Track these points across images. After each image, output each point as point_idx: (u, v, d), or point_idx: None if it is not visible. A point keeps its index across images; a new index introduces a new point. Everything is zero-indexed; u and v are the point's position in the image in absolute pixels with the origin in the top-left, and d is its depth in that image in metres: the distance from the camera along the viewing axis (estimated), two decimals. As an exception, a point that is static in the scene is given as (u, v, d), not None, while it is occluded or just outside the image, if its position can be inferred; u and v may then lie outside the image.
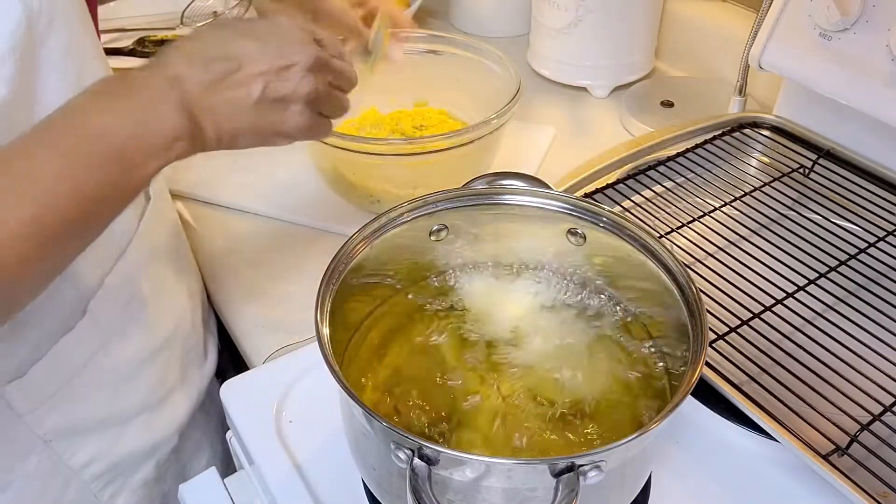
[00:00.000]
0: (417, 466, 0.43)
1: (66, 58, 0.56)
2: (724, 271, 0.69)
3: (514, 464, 0.45)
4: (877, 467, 0.53)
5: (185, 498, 0.62)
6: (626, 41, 1.06)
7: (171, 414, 0.74)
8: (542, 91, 1.11)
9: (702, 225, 0.75)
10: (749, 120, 0.89)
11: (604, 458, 0.42)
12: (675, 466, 0.59)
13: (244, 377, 0.66)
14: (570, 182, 0.79)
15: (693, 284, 0.52)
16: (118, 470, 0.69)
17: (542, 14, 1.07)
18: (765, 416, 0.55)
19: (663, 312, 0.56)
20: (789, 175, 0.82)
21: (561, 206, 0.59)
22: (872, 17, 0.73)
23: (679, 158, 0.84)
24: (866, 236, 0.74)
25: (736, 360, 0.60)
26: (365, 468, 0.53)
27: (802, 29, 0.78)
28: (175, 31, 1.21)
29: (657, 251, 0.55)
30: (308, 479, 0.58)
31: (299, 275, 0.81)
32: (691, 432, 0.61)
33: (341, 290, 0.53)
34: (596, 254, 0.60)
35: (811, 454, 0.53)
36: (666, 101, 1.03)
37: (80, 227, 0.47)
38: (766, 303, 0.65)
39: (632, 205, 0.78)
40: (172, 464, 0.76)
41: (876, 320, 0.64)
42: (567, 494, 0.41)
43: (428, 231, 0.60)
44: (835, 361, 0.60)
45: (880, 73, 0.73)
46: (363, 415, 0.45)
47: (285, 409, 0.63)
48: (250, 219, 0.89)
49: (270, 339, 0.73)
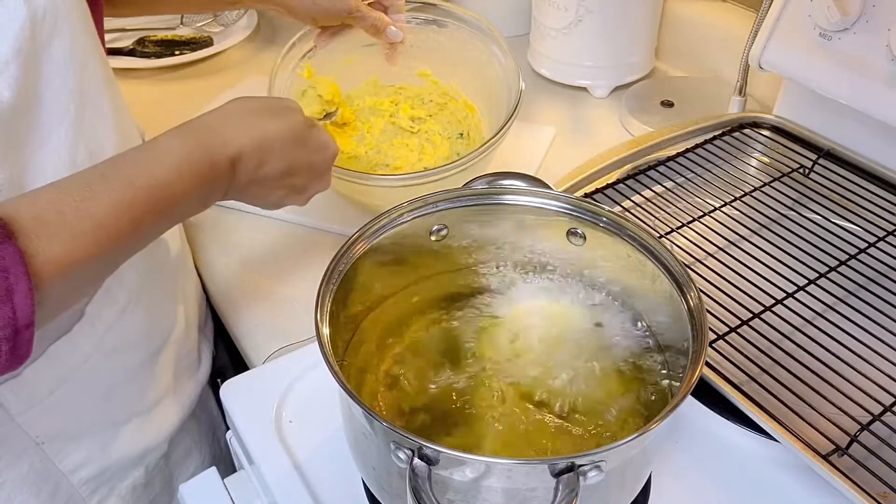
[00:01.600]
0: (417, 466, 0.43)
1: (70, 61, 0.56)
2: (724, 271, 0.69)
3: (514, 464, 0.45)
4: (877, 467, 0.53)
5: (185, 498, 0.62)
6: (626, 41, 1.06)
7: (162, 420, 0.74)
8: (542, 91, 1.11)
9: (702, 225, 0.75)
10: (749, 120, 0.89)
11: (604, 458, 0.43)
12: (675, 466, 0.59)
13: (244, 377, 0.66)
14: (570, 182, 0.79)
15: (693, 284, 0.52)
16: (107, 475, 0.69)
17: (542, 14, 1.07)
18: (765, 416, 0.55)
19: (663, 312, 0.56)
20: (789, 175, 0.82)
21: (561, 206, 0.59)
22: (872, 17, 0.73)
23: (679, 158, 0.84)
24: (866, 236, 0.74)
25: (736, 360, 0.60)
26: (365, 468, 0.53)
27: (802, 29, 0.78)
28: (175, 30, 1.22)
29: (657, 251, 0.55)
30: (308, 479, 0.58)
31: (299, 275, 0.81)
32: (691, 432, 0.61)
33: (341, 290, 0.53)
34: (596, 254, 0.60)
35: (811, 454, 0.53)
36: (666, 101, 1.03)
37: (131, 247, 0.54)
38: (766, 303, 0.65)
39: (632, 205, 0.78)
40: (161, 470, 0.76)
41: (876, 320, 0.64)
42: (567, 494, 0.41)
43: (428, 231, 0.60)
44: (835, 361, 0.60)
45: (880, 73, 0.73)
46: (363, 415, 0.45)
47: (285, 409, 0.63)
48: (251, 219, 0.89)
49: (270, 339, 0.73)
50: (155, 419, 0.73)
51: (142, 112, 0.79)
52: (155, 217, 0.53)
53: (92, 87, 0.60)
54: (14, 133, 0.53)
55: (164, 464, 0.76)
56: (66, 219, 0.47)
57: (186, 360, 0.78)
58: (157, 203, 0.52)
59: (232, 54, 1.20)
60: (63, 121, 0.56)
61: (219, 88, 1.10)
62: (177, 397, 0.76)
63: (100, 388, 0.66)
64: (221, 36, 1.21)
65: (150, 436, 0.73)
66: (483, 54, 0.90)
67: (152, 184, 0.52)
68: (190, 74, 1.16)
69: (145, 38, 1.19)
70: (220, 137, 0.57)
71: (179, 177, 0.53)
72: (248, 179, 0.59)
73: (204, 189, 0.56)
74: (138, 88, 1.12)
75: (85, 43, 0.58)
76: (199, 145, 0.55)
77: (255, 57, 1.21)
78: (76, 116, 0.57)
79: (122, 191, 0.50)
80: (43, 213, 0.46)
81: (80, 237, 0.47)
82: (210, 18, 1.23)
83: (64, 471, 0.65)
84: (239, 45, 1.20)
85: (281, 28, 1.28)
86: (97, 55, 0.61)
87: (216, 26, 1.22)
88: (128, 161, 0.52)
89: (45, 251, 0.45)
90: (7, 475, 0.61)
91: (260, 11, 1.28)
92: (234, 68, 1.18)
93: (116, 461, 0.70)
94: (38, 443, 0.62)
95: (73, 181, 0.49)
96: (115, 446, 0.69)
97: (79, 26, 0.57)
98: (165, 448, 0.75)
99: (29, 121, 0.54)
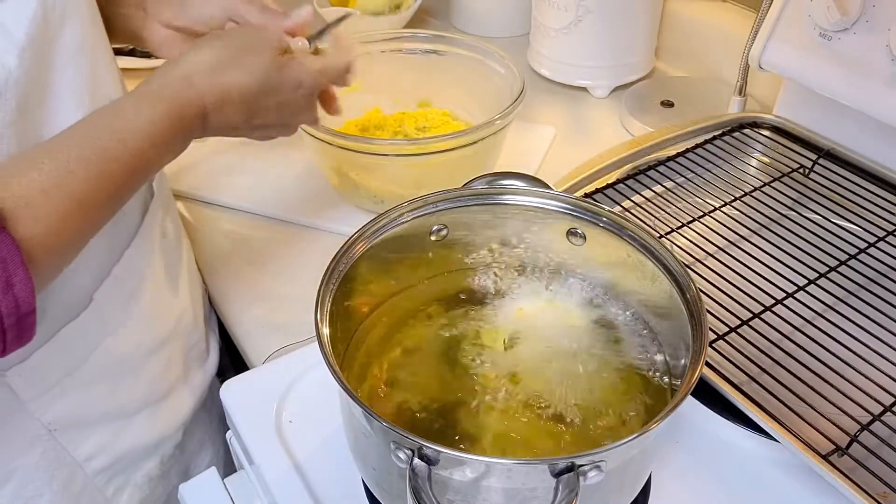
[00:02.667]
0: (417, 466, 0.43)
1: (80, 53, 0.57)
2: (724, 271, 0.69)
3: (514, 464, 0.45)
4: (877, 467, 0.53)
5: (185, 498, 0.62)
6: (626, 41, 1.06)
7: (174, 410, 0.74)
8: (542, 91, 1.11)
9: (702, 225, 0.75)
10: (749, 120, 0.89)
11: (604, 458, 0.42)
12: (675, 466, 0.59)
13: (244, 377, 0.66)
14: (570, 182, 0.79)
15: (693, 284, 0.52)
16: (122, 464, 0.70)
17: (542, 14, 1.07)
18: (765, 416, 0.55)
19: (663, 312, 0.56)
20: (789, 175, 0.82)
21: (561, 206, 0.59)
22: (872, 17, 0.73)
23: (679, 158, 0.84)
24: (866, 236, 0.74)
25: (736, 360, 0.60)
26: (365, 468, 0.53)
27: (802, 29, 0.78)
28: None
29: (657, 251, 0.55)
30: (308, 479, 0.58)
31: (299, 275, 0.81)
32: (691, 432, 0.61)
33: (341, 290, 0.53)
34: (596, 254, 0.60)
35: (811, 454, 0.53)
36: (666, 101, 1.03)
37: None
38: (766, 303, 0.65)
39: (632, 205, 0.78)
40: (176, 461, 0.76)
41: (876, 320, 0.64)
42: (567, 494, 0.41)
43: (428, 231, 0.60)
44: (835, 361, 0.60)
45: (880, 73, 0.73)
46: (363, 415, 0.45)
47: (285, 409, 0.63)
48: (250, 219, 0.89)
49: (270, 339, 0.73)
50: (166, 408, 0.73)
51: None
52: (131, 181, 0.55)
53: (104, 79, 0.60)
54: (32, 120, 0.54)
55: (178, 455, 0.76)
56: (51, 200, 0.48)
57: (195, 351, 0.78)
58: (133, 171, 0.54)
59: (232, 54, 1.20)
60: (79, 110, 0.56)
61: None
62: (188, 387, 0.76)
63: (109, 376, 0.66)
64: (221, 36, 1.20)
65: (163, 425, 0.73)
66: (483, 74, 0.91)
67: (127, 154, 0.53)
68: (190, 74, 1.16)
69: (145, 38, 1.19)
70: (186, 94, 0.57)
71: (152, 142, 0.54)
72: (218, 127, 0.61)
73: (177, 144, 0.58)
74: (138, 88, 1.12)
75: (95, 35, 0.59)
76: (168, 106, 0.56)
77: (254, 57, 1.21)
78: (90, 107, 0.57)
79: (99, 165, 0.51)
80: (28, 195, 0.47)
81: (65, 217, 0.49)
82: (210, 18, 1.23)
83: (78, 459, 0.65)
84: (239, 45, 1.20)
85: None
86: (105, 47, 0.62)
87: (216, 26, 1.22)
88: (101, 130, 0.53)
89: (34, 235, 0.47)
90: (19, 461, 0.61)
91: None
92: (234, 68, 1.18)
93: (131, 450, 0.70)
94: (50, 430, 0.62)
95: (50, 159, 0.49)
96: (128, 435, 0.69)
97: (88, 21, 0.58)
98: (180, 437, 0.76)
99: (45, 108, 0.55)
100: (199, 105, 0.58)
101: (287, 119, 0.66)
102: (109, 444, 0.68)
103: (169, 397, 0.73)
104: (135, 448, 0.70)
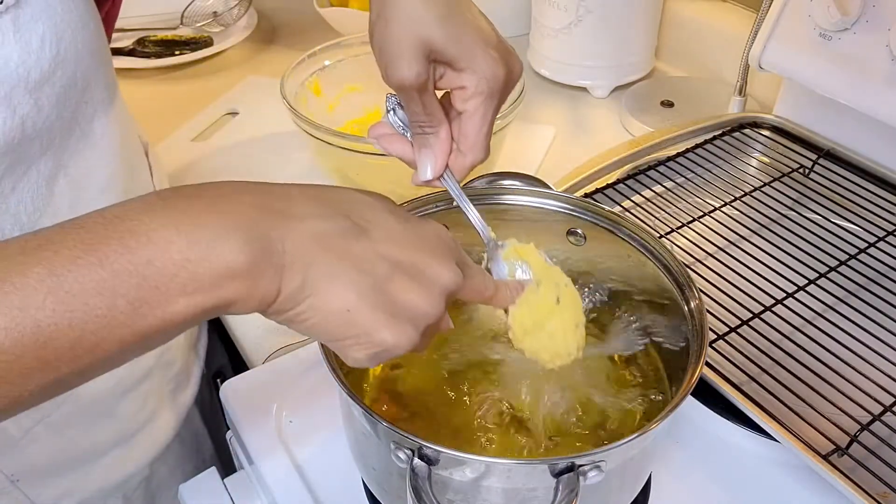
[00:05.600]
0: (417, 466, 0.43)
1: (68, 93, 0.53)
2: (724, 271, 0.69)
3: (514, 464, 0.45)
4: (877, 467, 0.53)
5: (185, 498, 0.62)
6: (626, 41, 1.06)
7: (145, 447, 0.71)
8: (542, 91, 1.11)
9: (702, 225, 0.75)
10: (749, 120, 0.89)
11: (604, 458, 0.42)
12: (675, 466, 0.59)
13: (244, 377, 0.66)
14: (570, 182, 0.79)
15: (693, 284, 0.52)
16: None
17: (542, 14, 1.07)
18: (765, 416, 0.55)
19: (663, 312, 0.56)
20: (789, 175, 0.82)
21: (561, 206, 0.59)
22: (872, 17, 0.73)
23: (679, 158, 0.84)
24: (866, 236, 0.74)
25: (736, 360, 0.60)
26: (365, 468, 0.53)
27: (802, 29, 0.78)
28: (175, 30, 1.22)
29: (657, 251, 0.55)
30: (308, 479, 0.58)
31: (299, 275, 0.80)
32: (691, 432, 0.61)
33: (341, 290, 0.53)
34: (596, 254, 0.60)
35: (811, 454, 0.53)
36: (666, 101, 1.03)
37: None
38: (766, 303, 0.65)
39: (632, 205, 0.78)
40: (141, 494, 0.73)
41: (876, 320, 0.64)
42: (567, 494, 0.41)
43: (428, 231, 0.60)
44: (835, 361, 0.60)
45: (880, 73, 0.73)
46: (363, 415, 0.45)
47: (285, 409, 0.63)
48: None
49: (270, 339, 0.73)
50: (137, 446, 0.70)
51: (142, 112, 0.79)
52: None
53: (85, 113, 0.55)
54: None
55: (144, 488, 0.73)
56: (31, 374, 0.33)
57: (174, 383, 0.75)
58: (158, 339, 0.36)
59: (232, 54, 1.20)
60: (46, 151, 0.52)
61: (219, 88, 1.11)
62: (163, 421, 0.73)
63: (83, 419, 0.64)
64: (221, 36, 1.21)
65: (132, 463, 0.70)
66: None
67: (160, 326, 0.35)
68: (190, 74, 1.16)
69: (145, 38, 1.19)
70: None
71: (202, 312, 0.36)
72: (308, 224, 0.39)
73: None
74: (138, 88, 1.12)
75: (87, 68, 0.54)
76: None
77: (254, 57, 1.21)
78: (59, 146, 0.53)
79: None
80: None
81: (44, 390, 0.34)
82: (210, 18, 1.23)
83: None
84: (239, 45, 1.20)
85: (281, 28, 1.28)
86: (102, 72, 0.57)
87: (216, 26, 1.22)
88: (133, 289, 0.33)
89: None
90: None
91: (260, 11, 1.28)
92: (234, 68, 1.18)
93: (96, 492, 0.67)
94: (12, 480, 0.60)
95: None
96: (94, 477, 0.67)
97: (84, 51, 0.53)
98: (147, 472, 0.73)
99: (10, 157, 0.50)
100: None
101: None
102: (75, 488, 0.65)
103: (140, 434, 0.70)
104: (101, 489, 0.68)
